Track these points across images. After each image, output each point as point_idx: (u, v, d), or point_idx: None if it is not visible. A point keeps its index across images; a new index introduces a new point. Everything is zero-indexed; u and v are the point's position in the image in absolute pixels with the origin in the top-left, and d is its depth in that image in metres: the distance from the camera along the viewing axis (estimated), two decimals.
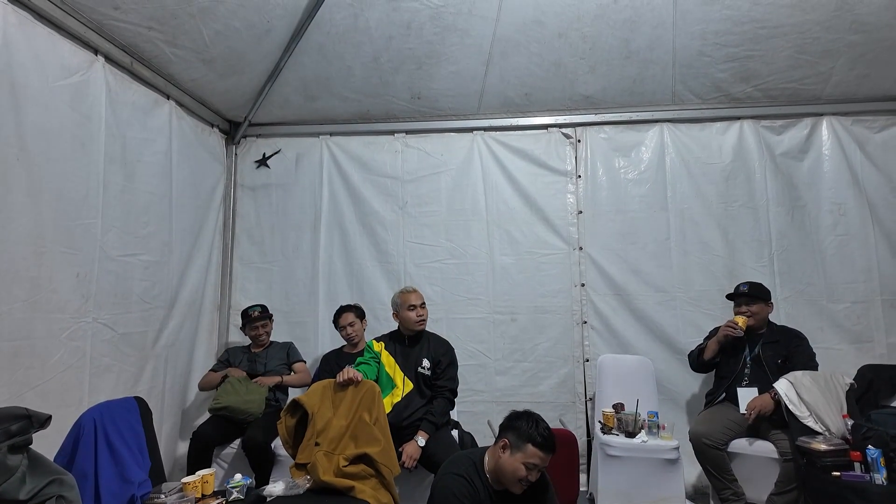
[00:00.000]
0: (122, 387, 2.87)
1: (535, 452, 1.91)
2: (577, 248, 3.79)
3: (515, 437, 1.96)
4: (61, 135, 2.52)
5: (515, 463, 1.92)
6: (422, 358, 2.95)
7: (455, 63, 3.55)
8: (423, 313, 3.00)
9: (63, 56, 2.55)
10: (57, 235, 2.49)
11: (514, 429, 1.98)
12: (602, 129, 3.86)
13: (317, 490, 2.18)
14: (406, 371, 2.92)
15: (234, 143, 4.05)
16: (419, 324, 2.98)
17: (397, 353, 2.98)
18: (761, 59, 3.40)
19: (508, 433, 1.99)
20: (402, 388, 2.86)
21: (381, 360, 2.93)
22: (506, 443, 1.97)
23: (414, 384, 2.90)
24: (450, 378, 2.96)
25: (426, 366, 2.94)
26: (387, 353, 2.96)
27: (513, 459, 1.93)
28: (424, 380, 2.92)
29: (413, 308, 2.97)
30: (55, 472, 1.45)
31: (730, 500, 2.84)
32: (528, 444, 1.92)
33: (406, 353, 2.98)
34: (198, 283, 3.62)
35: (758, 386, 2.96)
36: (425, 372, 2.93)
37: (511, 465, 1.92)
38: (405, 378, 2.89)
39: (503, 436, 2.01)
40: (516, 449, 1.93)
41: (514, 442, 1.95)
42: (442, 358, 2.98)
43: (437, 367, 2.95)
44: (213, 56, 3.19)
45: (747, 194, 3.69)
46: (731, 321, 3.04)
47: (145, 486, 2.07)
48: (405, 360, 2.95)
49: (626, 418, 3.00)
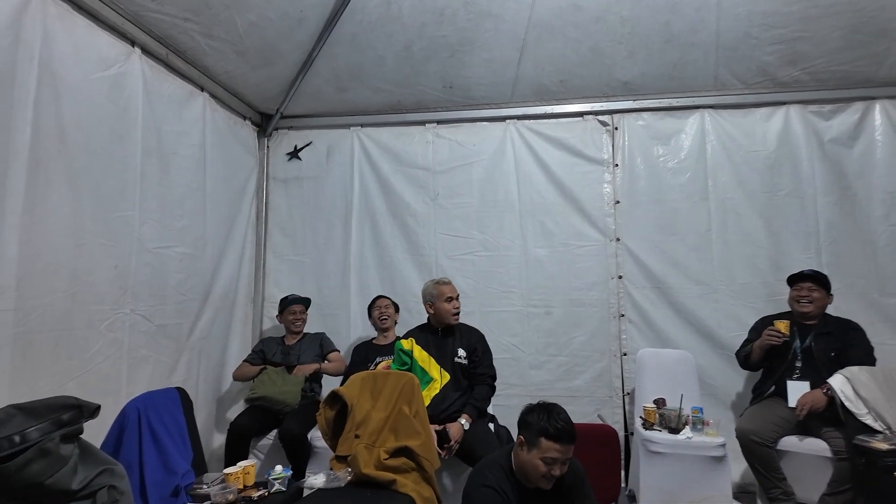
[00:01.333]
0: (159, 378, 2.88)
1: (550, 446, 1.80)
2: (613, 240, 3.69)
3: (528, 432, 1.87)
4: (100, 127, 2.53)
5: (534, 460, 1.83)
6: (457, 348, 2.91)
7: (489, 50, 3.47)
8: (458, 305, 2.98)
9: (101, 48, 2.55)
10: (96, 227, 2.50)
11: (527, 424, 1.89)
12: (640, 116, 3.74)
13: (357, 483, 2.15)
14: (442, 363, 2.87)
15: (266, 136, 4.04)
16: (455, 316, 2.94)
17: (430, 345, 2.94)
18: (811, 40, 3.24)
19: (522, 430, 1.91)
20: (440, 380, 2.81)
21: (414, 355, 2.89)
22: (521, 440, 1.89)
23: (451, 375, 2.86)
24: (487, 365, 2.95)
25: (462, 355, 2.90)
26: (419, 348, 2.92)
27: (530, 456, 1.84)
28: (462, 370, 2.88)
29: (450, 300, 2.93)
30: (106, 461, 1.44)
31: (779, 499, 2.73)
32: (542, 438, 1.82)
33: (440, 345, 2.94)
34: (231, 275, 3.63)
35: (809, 380, 2.83)
36: (462, 361, 2.89)
37: (530, 463, 1.84)
38: (441, 370, 2.85)
39: (519, 433, 1.92)
40: (531, 445, 1.84)
41: (528, 438, 1.86)
42: (477, 346, 2.96)
43: (473, 356, 2.92)
44: (246, 47, 3.17)
45: (793, 183, 3.54)
46: (772, 328, 2.91)
47: (189, 477, 2.06)
48: (440, 352, 2.91)
49: (669, 414, 2.90)
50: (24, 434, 1.36)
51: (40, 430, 1.37)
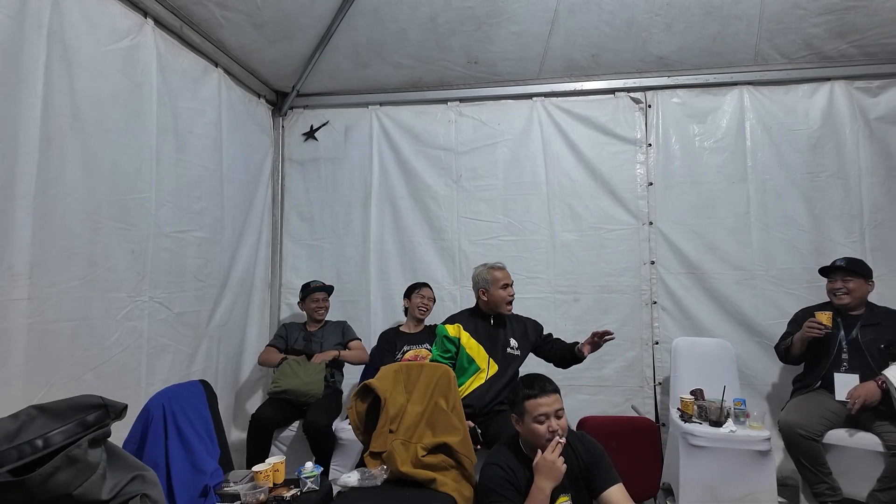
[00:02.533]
0: (178, 367, 2.77)
1: (534, 403, 1.86)
2: (646, 223, 3.53)
3: (515, 407, 1.93)
4: (114, 103, 2.37)
5: (529, 426, 1.86)
6: (509, 338, 2.77)
7: (517, 23, 3.28)
8: (513, 293, 2.81)
9: (113, 18, 2.39)
10: (112, 210, 2.36)
11: (513, 401, 1.96)
12: (675, 93, 3.55)
13: (394, 481, 2.03)
14: (492, 353, 2.71)
15: (282, 115, 3.87)
16: (509, 305, 2.79)
17: (480, 333, 2.76)
18: (864, 10, 3.03)
19: (513, 408, 1.96)
20: (487, 370, 2.67)
21: (461, 342, 2.71)
22: (515, 417, 1.94)
23: (499, 367, 2.71)
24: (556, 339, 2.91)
25: (514, 346, 2.77)
26: (467, 334, 2.73)
27: (527, 425, 1.88)
28: (512, 361, 2.75)
29: (506, 287, 2.77)
30: (136, 467, 1.32)
31: (825, 494, 2.61)
32: (525, 402, 1.88)
33: (493, 335, 2.77)
34: (249, 260, 3.50)
35: (858, 372, 2.70)
36: (514, 352, 2.76)
37: (530, 432, 1.87)
38: (490, 360, 2.69)
39: (511, 412, 1.97)
40: (523, 414, 1.89)
41: (518, 411, 1.92)
42: (531, 331, 2.88)
43: (538, 339, 2.88)
44: (264, 20, 3.00)
45: (837, 163, 3.36)
46: (813, 320, 2.76)
47: (217, 476, 1.95)
48: (492, 342, 2.74)
49: (709, 406, 2.78)
50: (46, 438, 1.23)
51: (65, 434, 1.24)
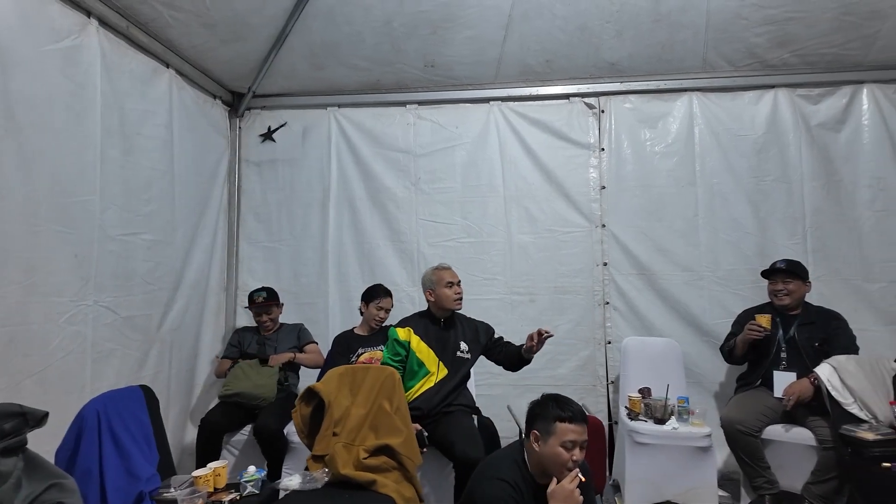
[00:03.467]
0: (127, 372, 2.74)
1: (566, 428, 1.78)
2: (599, 226, 3.60)
3: (542, 423, 1.83)
4: (53, 104, 2.33)
5: (553, 449, 1.78)
6: (459, 341, 2.77)
7: (472, 27, 3.32)
8: (460, 291, 2.81)
9: (53, 18, 2.34)
10: (52, 213, 2.32)
11: (538, 416, 1.86)
12: (627, 99, 3.64)
13: (336, 483, 2.05)
14: (442, 356, 2.72)
15: (238, 116, 3.84)
16: (457, 302, 2.79)
17: (430, 337, 2.76)
18: (802, 21, 3.15)
19: (535, 423, 1.86)
20: (437, 374, 2.68)
21: (411, 346, 2.72)
22: (536, 434, 1.84)
23: (449, 370, 2.72)
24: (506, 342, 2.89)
25: (464, 349, 2.78)
26: (417, 338, 2.73)
27: (549, 447, 1.79)
28: (462, 364, 2.76)
29: (451, 285, 2.77)
30: (55, 475, 1.31)
31: (763, 488, 2.71)
32: (557, 423, 1.79)
33: (443, 338, 2.77)
34: (203, 263, 3.47)
35: (795, 370, 2.81)
36: (464, 356, 2.77)
37: (550, 453, 1.78)
38: (440, 363, 2.70)
39: (532, 429, 1.86)
40: (548, 434, 1.80)
41: (543, 429, 1.82)
42: (482, 334, 2.87)
43: (488, 342, 2.88)
44: (214, 20, 2.97)
45: (780, 168, 3.48)
46: (753, 323, 2.86)
47: (154, 482, 1.93)
48: (442, 345, 2.75)
49: (654, 404, 2.86)
50: None
51: None
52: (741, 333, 2.94)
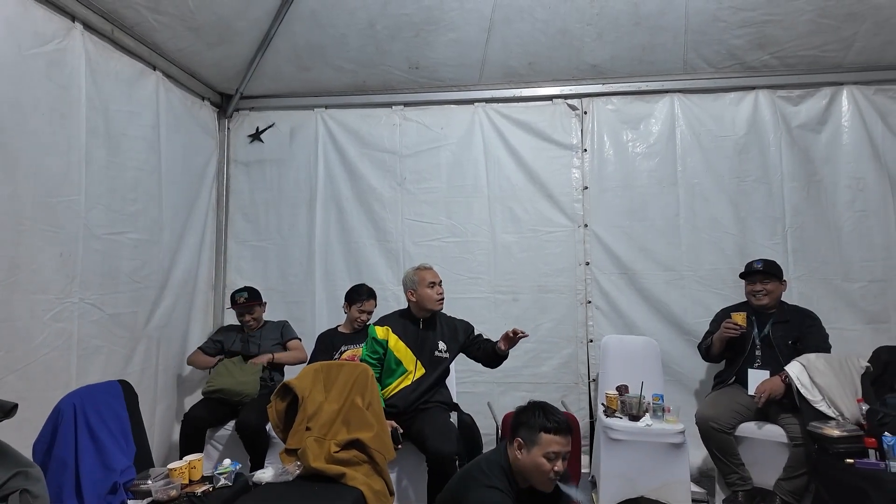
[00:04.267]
0: (113, 368, 2.80)
1: (550, 439, 1.80)
2: (581, 226, 3.65)
3: (527, 431, 1.85)
4: (37, 107, 2.40)
5: (536, 459, 1.80)
6: (437, 341, 2.81)
7: (455, 30, 3.37)
8: (441, 291, 2.83)
9: (36, 22, 2.41)
10: (36, 213, 2.38)
11: (523, 424, 1.87)
12: (609, 101, 3.68)
13: (307, 476, 2.11)
14: (420, 356, 2.76)
15: (227, 117, 3.91)
16: (439, 303, 2.81)
17: (409, 336, 2.79)
18: (780, 23, 3.19)
19: (520, 430, 1.87)
20: (414, 372, 2.73)
21: (389, 345, 2.76)
22: (520, 442, 1.86)
23: (426, 369, 2.77)
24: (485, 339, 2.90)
25: (442, 349, 2.82)
26: (395, 337, 2.77)
27: (531, 456, 1.81)
28: (440, 363, 2.80)
29: (432, 285, 2.79)
30: (21, 463, 1.37)
31: (736, 484, 2.76)
32: (541, 434, 1.81)
33: (422, 337, 2.80)
34: (191, 262, 3.53)
35: (769, 368, 2.85)
36: (442, 355, 2.81)
37: (533, 463, 1.81)
38: (418, 363, 2.75)
39: (516, 435, 1.88)
40: (532, 444, 1.82)
41: (527, 437, 1.84)
42: (461, 333, 2.90)
43: (467, 339, 2.90)
44: (199, 24, 3.03)
45: (761, 169, 3.52)
46: (729, 321, 2.90)
47: (129, 473, 2.00)
48: (420, 345, 2.78)
49: (629, 401, 2.90)
50: None
51: None
52: (718, 332, 2.98)
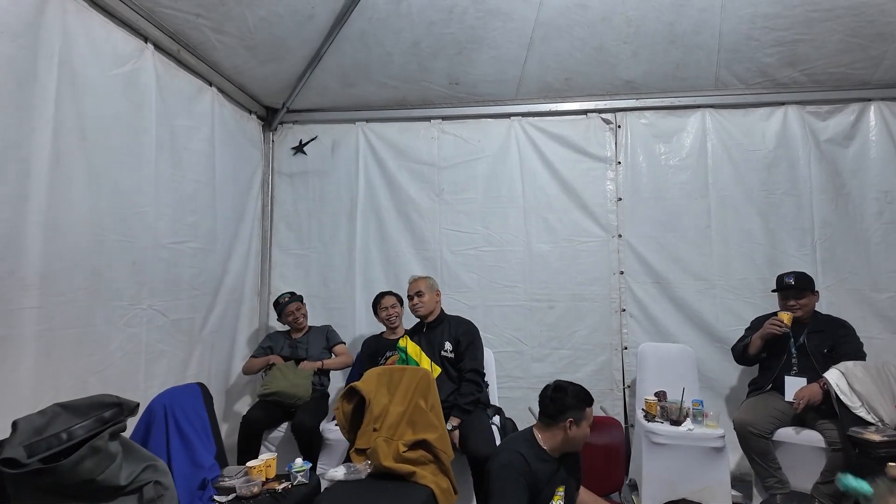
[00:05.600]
0: (174, 372, 2.93)
1: (590, 411, 2.20)
2: (615, 236, 3.77)
3: (575, 412, 2.16)
4: (116, 123, 2.54)
5: (584, 430, 2.17)
6: (444, 341, 3.01)
7: (496, 48, 3.50)
8: (416, 301, 3.07)
9: (116, 44, 2.56)
10: (114, 224, 2.52)
11: (569, 406, 2.16)
12: (643, 115, 3.81)
13: (377, 475, 2.22)
14: (432, 356, 2.97)
15: (272, 130, 4.05)
16: (414, 310, 3.10)
17: (421, 340, 3.06)
18: (811, 42, 3.32)
19: (569, 413, 2.16)
20: (432, 372, 2.87)
21: (408, 350, 3.01)
22: (571, 421, 2.15)
23: (441, 369, 2.95)
24: (471, 358, 2.94)
25: (448, 348, 2.99)
26: (412, 343, 3.05)
27: (581, 429, 2.16)
28: (450, 362, 2.97)
29: (410, 297, 3.11)
30: (148, 458, 1.49)
31: (774, 487, 2.84)
32: (587, 409, 2.18)
33: (427, 339, 3.05)
34: (239, 269, 3.66)
35: (805, 376, 2.95)
36: (448, 355, 2.98)
37: (583, 433, 2.17)
38: (432, 364, 2.94)
39: (566, 417, 2.15)
40: (581, 420, 2.16)
41: (576, 416, 2.15)
42: (461, 338, 3.00)
43: (457, 349, 2.99)
44: (255, 42, 3.18)
45: (790, 182, 3.64)
46: (776, 319, 3.00)
47: (214, 470, 2.12)
48: (428, 346, 3.02)
49: (670, 406, 3.01)
50: (70, 432, 1.41)
51: (85, 428, 1.42)
52: (759, 330, 3.06)
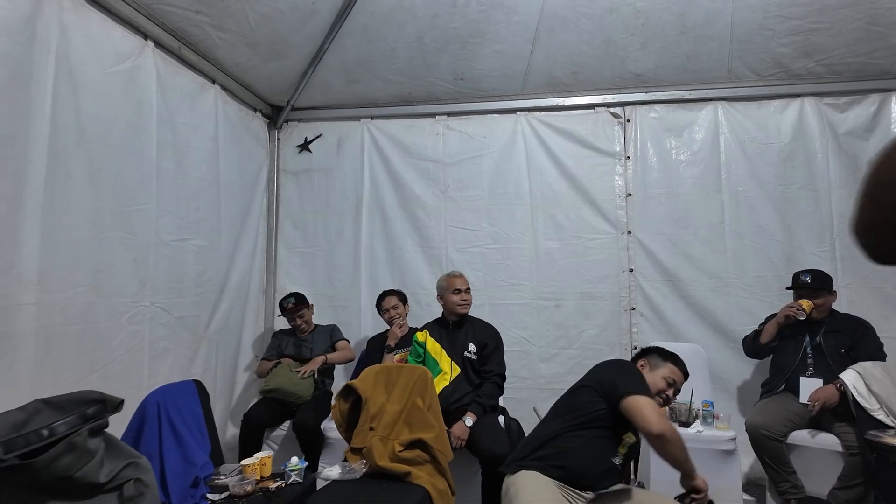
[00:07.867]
0: (178, 369, 2.93)
1: (675, 370, 2.10)
2: (625, 233, 3.68)
3: (657, 357, 2.14)
4: (116, 121, 2.55)
5: (656, 377, 2.08)
6: (468, 342, 2.95)
7: (500, 42, 3.45)
8: (467, 298, 3.01)
9: (115, 42, 2.56)
10: (115, 221, 2.53)
11: (655, 352, 2.17)
12: (653, 109, 3.71)
13: (373, 475, 2.19)
14: (453, 356, 2.92)
15: (277, 128, 4.05)
16: (461, 307, 2.98)
17: (443, 338, 2.99)
18: (827, 31, 3.19)
19: (648, 356, 2.17)
20: (450, 373, 2.86)
21: (427, 347, 2.94)
22: (644, 363, 2.14)
23: (461, 369, 2.90)
24: (497, 363, 2.95)
25: (472, 350, 2.94)
26: (432, 340, 2.98)
27: (654, 374, 2.09)
28: (471, 364, 2.92)
29: (458, 292, 2.98)
30: (130, 455, 1.47)
31: (788, 492, 2.75)
32: (670, 363, 2.11)
33: (452, 338, 2.99)
34: (245, 267, 3.67)
35: (822, 377, 2.84)
36: (472, 356, 2.93)
37: (651, 380, 2.06)
38: (452, 363, 2.90)
39: (641, 358, 2.17)
40: (657, 366, 2.11)
41: (654, 362, 2.13)
42: (488, 342, 2.97)
43: (483, 352, 2.95)
44: (257, 39, 3.17)
45: (807, 176, 3.51)
46: (795, 303, 2.91)
47: (208, 468, 2.11)
48: (451, 345, 2.96)
49: (679, 407, 2.92)
50: (51, 428, 1.39)
51: (67, 424, 1.41)
52: (775, 317, 2.98)
